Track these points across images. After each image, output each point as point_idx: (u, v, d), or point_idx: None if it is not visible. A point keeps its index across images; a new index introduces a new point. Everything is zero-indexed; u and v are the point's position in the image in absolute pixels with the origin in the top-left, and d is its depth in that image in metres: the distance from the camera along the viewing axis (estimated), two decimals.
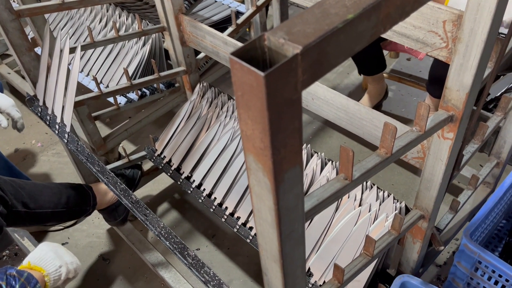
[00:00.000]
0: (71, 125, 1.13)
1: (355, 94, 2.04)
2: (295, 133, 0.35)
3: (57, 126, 1.15)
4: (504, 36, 0.72)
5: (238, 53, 0.31)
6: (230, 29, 1.34)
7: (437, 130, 0.71)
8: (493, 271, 0.99)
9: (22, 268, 0.98)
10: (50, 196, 1.23)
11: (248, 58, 0.31)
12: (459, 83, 0.67)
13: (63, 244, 1.57)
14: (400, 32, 0.76)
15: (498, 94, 1.49)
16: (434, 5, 0.68)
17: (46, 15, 1.84)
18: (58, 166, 1.86)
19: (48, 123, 1.17)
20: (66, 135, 1.14)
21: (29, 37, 1.84)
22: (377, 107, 1.89)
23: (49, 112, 1.17)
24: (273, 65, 0.30)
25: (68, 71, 1.10)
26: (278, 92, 0.31)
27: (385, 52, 1.86)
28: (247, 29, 1.91)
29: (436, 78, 1.55)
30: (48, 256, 1.03)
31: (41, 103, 1.20)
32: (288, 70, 0.31)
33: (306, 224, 1.08)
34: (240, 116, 0.34)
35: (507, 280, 0.98)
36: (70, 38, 1.73)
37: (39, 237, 1.58)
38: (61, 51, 1.09)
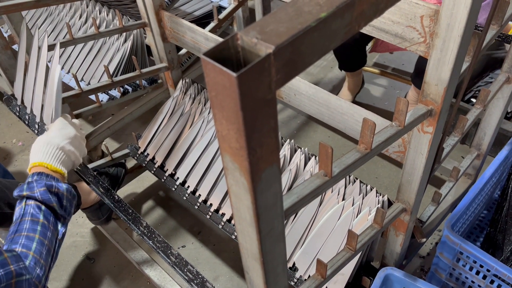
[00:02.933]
0: None
1: (339, 88, 2.04)
2: (271, 132, 0.35)
3: (36, 126, 1.13)
4: (481, 30, 0.73)
5: (211, 53, 0.31)
6: (212, 25, 1.33)
7: (417, 125, 0.72)
8: (475, 262, 1.01)
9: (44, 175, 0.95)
10: None
11: (221, 58, 0.31)
12: (437, 78, 0.67)
13: None
14: (379, 27, 0.76)
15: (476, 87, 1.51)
16: (412, 0, 0.68)
17: (24, 12, 1.81)
18: None
19: (27, 122, 1.15)
20: None
21: (7, 34, 1.81)
22: (356, 96, 1.93)
23: (28, 111, 1.15)
24: (247, 65, 0.30)
25: (47, 69, 1.08)
26: (252, 92, 0.31)
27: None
28: (230, 24, 1.89)
29: (421, 71, 1.56)
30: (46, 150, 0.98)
31: (19, 102, 1.18)
32: (261, 70, 0.30)
33: (291, 219, 1.09)
34: (215, 117, 0.34)
35: (488, 270, 1.00)
36: (49, 35, 1.70)
37: None
38: (39, 48, 1.07)
